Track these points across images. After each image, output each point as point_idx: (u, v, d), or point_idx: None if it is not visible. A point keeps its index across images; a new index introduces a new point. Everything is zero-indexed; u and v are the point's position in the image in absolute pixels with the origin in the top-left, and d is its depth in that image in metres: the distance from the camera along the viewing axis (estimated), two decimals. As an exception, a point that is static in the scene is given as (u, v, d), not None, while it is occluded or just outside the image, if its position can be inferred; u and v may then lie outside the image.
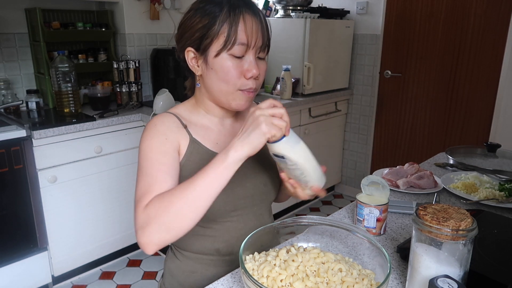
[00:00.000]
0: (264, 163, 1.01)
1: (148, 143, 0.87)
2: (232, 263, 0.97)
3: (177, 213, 0.74)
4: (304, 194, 0.89)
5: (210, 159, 0.89)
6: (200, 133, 0.94)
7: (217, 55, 0.85)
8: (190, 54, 0.89)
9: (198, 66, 0.90)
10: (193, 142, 0.91)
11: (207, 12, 0.85)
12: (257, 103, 1.12)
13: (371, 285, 0.71)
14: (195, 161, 0.91)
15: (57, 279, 2.17)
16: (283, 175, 0.87)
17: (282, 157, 0.80)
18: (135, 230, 0.78)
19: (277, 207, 2.82)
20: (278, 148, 0.78)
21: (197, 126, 0.94)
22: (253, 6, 0.87)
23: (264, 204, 1.02)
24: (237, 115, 1.02)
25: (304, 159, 0.82)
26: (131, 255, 2.50)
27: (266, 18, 0.89)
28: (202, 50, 0.87)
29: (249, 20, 0.84)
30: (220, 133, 0.97)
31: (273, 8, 3.22)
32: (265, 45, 0.88)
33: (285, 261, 0.75)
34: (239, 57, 0.86)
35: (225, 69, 0.86)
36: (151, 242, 0.75)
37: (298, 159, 0.80)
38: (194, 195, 0.74)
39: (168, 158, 0.86)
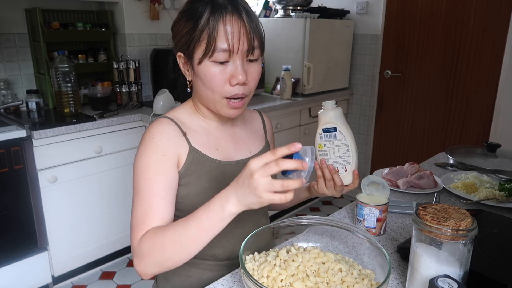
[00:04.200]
0: None
1: (146, 161, 0.83)
2: (229, 268, 0.95)
3: (170, 255, 0.75)
4: (335, 187, 0.86)
5: (210, 167, 0.89)
6: (200, 140, 0.91)
7: (199, 62, 0.82)
8: (181, 59, 0.88)
9: (188, 71, 0.88)
10: (192, 151, 0.88)
11: (191, 15, 0.81)
12: (259, 112, 1.09)
13: (371, 285, 0.71)
14: (195, 170, 0.88)
15: (57, 279, 2.17)
16: (321, 161, 0.85)
17: (334, 128, 0.80)
18: (132, 255, 0.82)
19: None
20: (335, 116, 0.80)
21: (197, 132, 0.91)
22: (238, 7, 0.81)
23: (261, 208, 1.01)
24: (236, 119, 0.98)
25: (351, 135, 0.85)
26: (131, 255, 2.50)
27: (257, 17, 0.84)
28: (188, 56, 0.85)
29: (231, 23, 0.79)
30: (220, 138, 0.95)
31: (273, 8, 3.22)
32: (252, 48, 0.82)
33: (285, 261, 0.75)
34: (224, 62, 0.81)
35: (208, 77, 0.82)
36: (146, 273, 0.79)
37: (348, 132, 0.83)
38: (186, 241, 0.73)
39: (166, 178, 0.84)
